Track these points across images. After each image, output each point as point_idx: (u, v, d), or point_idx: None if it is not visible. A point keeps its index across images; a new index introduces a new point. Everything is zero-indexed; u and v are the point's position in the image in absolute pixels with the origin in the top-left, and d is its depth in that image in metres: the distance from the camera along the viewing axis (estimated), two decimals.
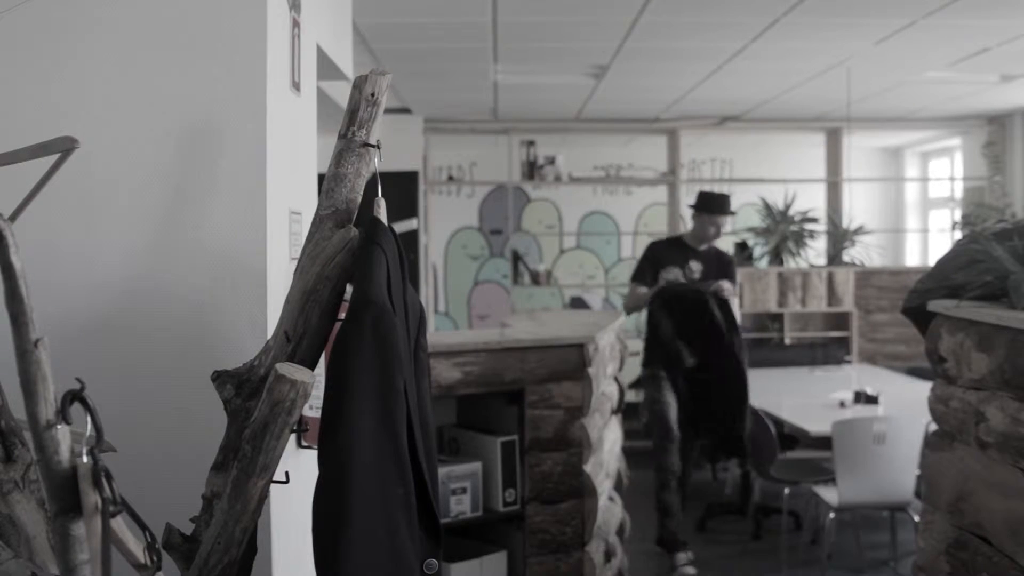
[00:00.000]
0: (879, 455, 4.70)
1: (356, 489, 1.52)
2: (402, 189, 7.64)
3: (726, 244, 7.57)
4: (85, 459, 1.18)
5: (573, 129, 8.76)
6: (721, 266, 5.54)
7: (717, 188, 9.89)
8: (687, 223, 8.40)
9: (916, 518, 4.15)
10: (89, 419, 1.18)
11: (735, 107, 8.01)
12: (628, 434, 5.28)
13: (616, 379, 4.64)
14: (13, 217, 1.39)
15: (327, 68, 3.07)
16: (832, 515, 4.95)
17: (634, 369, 5.83)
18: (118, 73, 2.09)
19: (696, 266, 5.47)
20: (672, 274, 5.42)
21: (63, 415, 1.20)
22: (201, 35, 2.10)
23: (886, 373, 7.19)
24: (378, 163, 1.77)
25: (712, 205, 5.51)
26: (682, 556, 5.24)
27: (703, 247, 5.53)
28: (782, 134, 9.09)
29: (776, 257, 8.41)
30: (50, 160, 1.52)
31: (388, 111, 2.53)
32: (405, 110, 7.92)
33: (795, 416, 5.39)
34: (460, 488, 3.50)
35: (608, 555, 4.01)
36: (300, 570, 2.19)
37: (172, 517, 1.69)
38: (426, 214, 8.25)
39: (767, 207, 8.48)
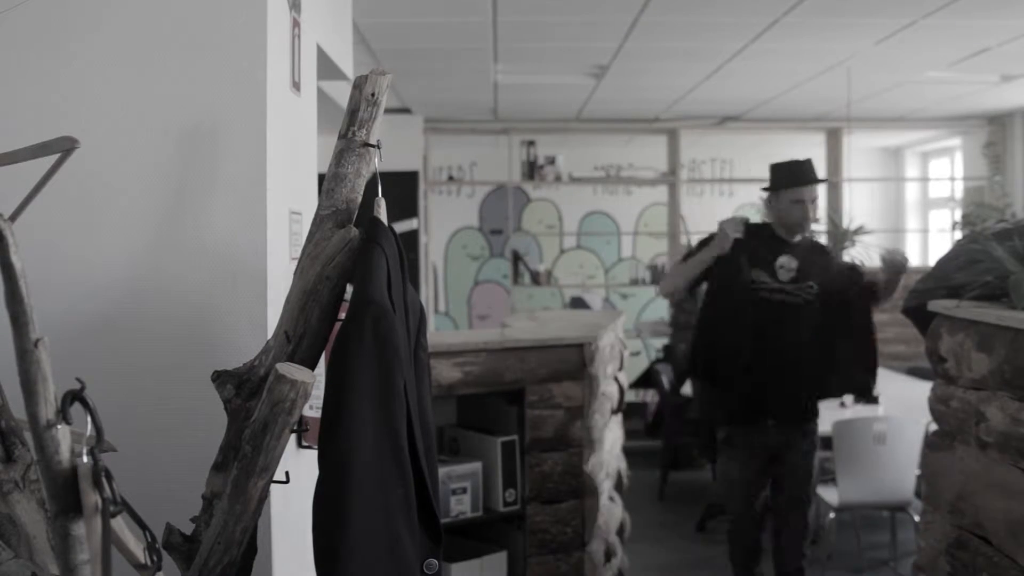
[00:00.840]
0: (879, 455, 4.69)
1: (356, 489, 1.52)
2: (402, 189, 7.64)
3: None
4: (85, 459, 1.18)
5: (573, 129, 8.75)
6: (822, 262, 4.25)
7: (719, 188, 9.92)
8: (687, 223, 8.41)
9: (916, 518, 4.16)
10: (89, 419, 1.18)
11: (735, 107, 8.01)
12: (628, 434, 5.27)
13: (616, 379, 4.63)
14: (13, 217, 1.39)
15: (327, 68, 3.07)
16: (832, 515, 4.95)
17: (635, 369, 5.80)
18: (118, 73, 2.09)
19: (787, 262, 4.15)
20: (761, 276, 4.14)
21: (63, 415, 1.20)
22: (201, 35, 2.10)
23: (886, 373, 7.17)
24: (378, 163, 1.77)
25: (795, 176, 4.15)
26: None
27: (796, 238, 4.22)
28: (782, 134, 9.07)
29: None
30: (50, 160, 1.52)
31: (388, 111, 2.53)
32: (405, 110, 7.91)
33: None
34: (460, 488, 3.50)
35: (608, 555, 4.00)
36: (300, 570, 2.19)
37: (172, 517, 1.69)
38: (426, 214, 8.25)
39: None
